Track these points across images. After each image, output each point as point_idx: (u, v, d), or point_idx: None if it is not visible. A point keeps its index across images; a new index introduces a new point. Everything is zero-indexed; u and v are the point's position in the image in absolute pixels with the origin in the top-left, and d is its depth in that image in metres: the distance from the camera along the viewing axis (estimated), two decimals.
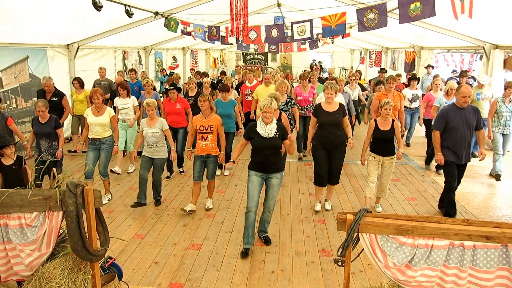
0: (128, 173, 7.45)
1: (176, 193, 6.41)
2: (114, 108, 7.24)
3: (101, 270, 3.46)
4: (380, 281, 3.01)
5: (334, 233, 5.00)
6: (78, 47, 9.50)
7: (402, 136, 7.36)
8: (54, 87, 7.63)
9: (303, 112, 7.99)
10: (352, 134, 6.03)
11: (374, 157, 5.58)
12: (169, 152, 6.03)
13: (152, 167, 5.85)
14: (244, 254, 4.49)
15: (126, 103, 7.40)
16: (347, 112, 5.94)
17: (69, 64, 9.55)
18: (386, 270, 2.81)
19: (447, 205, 5.45)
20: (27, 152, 6.10)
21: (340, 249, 2.84)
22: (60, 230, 3.16)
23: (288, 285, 3.92)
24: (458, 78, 10.83)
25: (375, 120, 5.57)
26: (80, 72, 9.54)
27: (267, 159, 4.54)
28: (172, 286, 3.91)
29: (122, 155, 7.45)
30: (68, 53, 9.49)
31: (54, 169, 3.36)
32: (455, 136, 5.22)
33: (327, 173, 5.60)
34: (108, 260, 3.63)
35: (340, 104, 5.59)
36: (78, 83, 8.42)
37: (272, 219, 5.34)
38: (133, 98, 7.52)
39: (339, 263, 2.86)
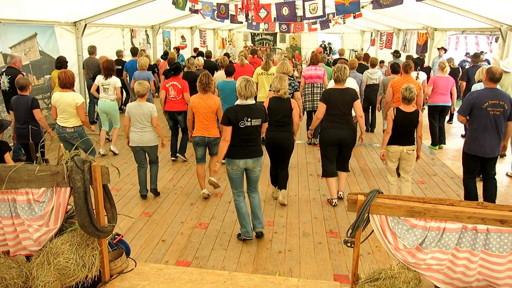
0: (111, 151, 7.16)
1: (183, 173, 6.40)
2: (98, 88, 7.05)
3: (109, 247, 3.47)
4: (389, 263, 2.97)
5: (342, 215, 4.97)
6: (86, 25, 9.39)
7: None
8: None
9: (317, 90, 7.46)
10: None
11: None
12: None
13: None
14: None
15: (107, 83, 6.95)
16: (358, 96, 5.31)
17: (76, 42, 9.46)
18: (396, 253, 2.78)
19: None
20: (51, 135, 5.70)
21: (350, 230, 2.80)
22: (68, 206, 3.17)
23: (295, 265, 3.91)
24: (470, 61, 10.54)
25: None
26: (87, 50, 9.44)
27: None
28: (179, 263, 3.92)
29: (117, 133, 7.21)
30: (76, 31, 9.38)
31: (61, 144, 3.31)
32: None
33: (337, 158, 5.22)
34: (116, 236, 3.64)
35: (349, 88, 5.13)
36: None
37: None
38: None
39: (348, 244, 2.83)
